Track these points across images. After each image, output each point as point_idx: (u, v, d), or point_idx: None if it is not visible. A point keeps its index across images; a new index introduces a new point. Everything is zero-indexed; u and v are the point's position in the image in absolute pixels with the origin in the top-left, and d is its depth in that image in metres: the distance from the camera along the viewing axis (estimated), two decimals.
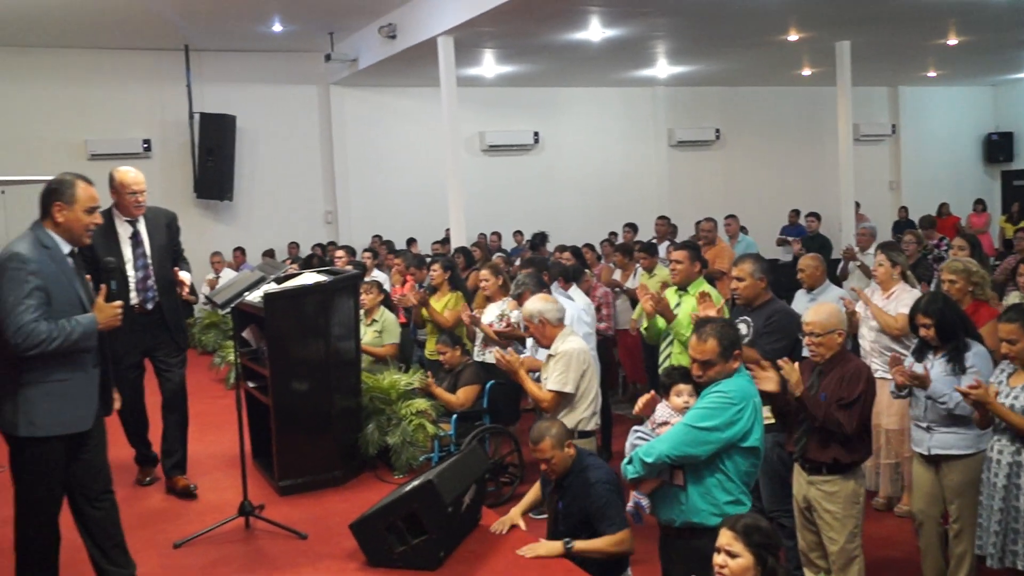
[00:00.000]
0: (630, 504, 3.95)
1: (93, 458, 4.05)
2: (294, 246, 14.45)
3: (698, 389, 3.83)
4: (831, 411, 4.31)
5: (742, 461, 3.72)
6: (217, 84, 14.25)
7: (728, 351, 3.72)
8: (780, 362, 4.32)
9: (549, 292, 6.01)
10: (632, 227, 13.27)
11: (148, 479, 5.93)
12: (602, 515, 4.24)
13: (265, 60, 14.53)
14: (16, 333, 3.67)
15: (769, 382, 4.22)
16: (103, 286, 4.00)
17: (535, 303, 5.11)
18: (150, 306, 5.48)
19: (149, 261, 5.49)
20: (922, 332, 4.76)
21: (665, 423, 3.81)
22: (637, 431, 3.89)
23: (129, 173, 5.39)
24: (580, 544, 4.25)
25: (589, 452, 4.64)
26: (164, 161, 14.12)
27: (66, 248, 3.98)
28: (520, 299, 6.03)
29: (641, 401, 3.91)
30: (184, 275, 5.59)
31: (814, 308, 4.65)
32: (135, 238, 5.43)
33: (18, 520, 3.92)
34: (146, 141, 13.95)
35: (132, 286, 5.38)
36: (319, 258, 11.19)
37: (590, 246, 11.02)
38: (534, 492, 4.86)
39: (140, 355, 5.60)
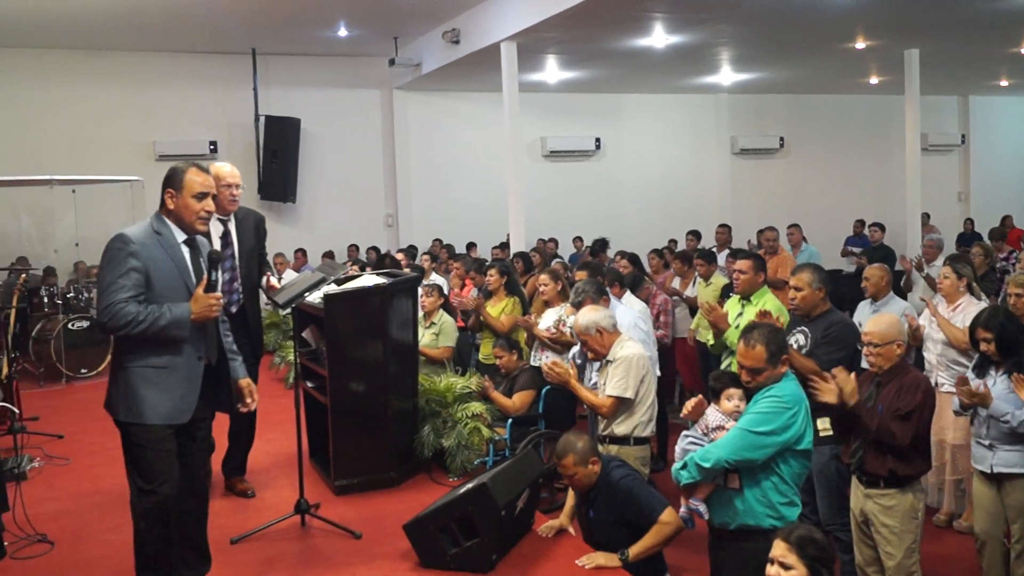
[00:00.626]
0: (683, 510, 3.95)
1: (194, 453, 4.06)
2: (354, 248, 14.60)
3: (748, 393, 3.85)
4: (885, 422, 4.22)
5: (795, 464, 3.75)
6: (282, 87, 14.48)
7: (776, 356, 3.74)
8: (835, 371, 4.27)
9: (608, 299, 5.97)
10: (695, 234, 13.14)
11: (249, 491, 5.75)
12: (638, 508, 4.27)
13: (330, 64, 14.73)
14: (104, 311, 3.69)
15: (829, 394, 4.18)
16: (204, 276, 3.92)
17: (586, 315, 5.06)
18: (234, 309, 5.25)
19: (237, 263, 5.33)
20: (982, 347, 4.70)
21: (720, 427, 3.81)
22: (688, 436, 3.90)
23: (225, 167, 5.26)
24: (635, 549, 4.24)
25: (610, 458, 4.59)
26: (230, 162, 14.25)
27: (181, 236, 3.96)
28: (579, 307, 5.98)
29: (689, 405, 3.91)
30: (273, 281, 5.48)
31: (874, 318, 4.60)
32: (225, 238, 5.24)
33: (132, 508, 3.92)
34: (212, 143, 14.20)
35: (217, 288, 5.02)
36: (392, 259, 11.27)
37: (657, 252, 10.95)
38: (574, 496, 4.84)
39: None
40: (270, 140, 14.13)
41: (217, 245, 5.07)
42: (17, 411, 6.09)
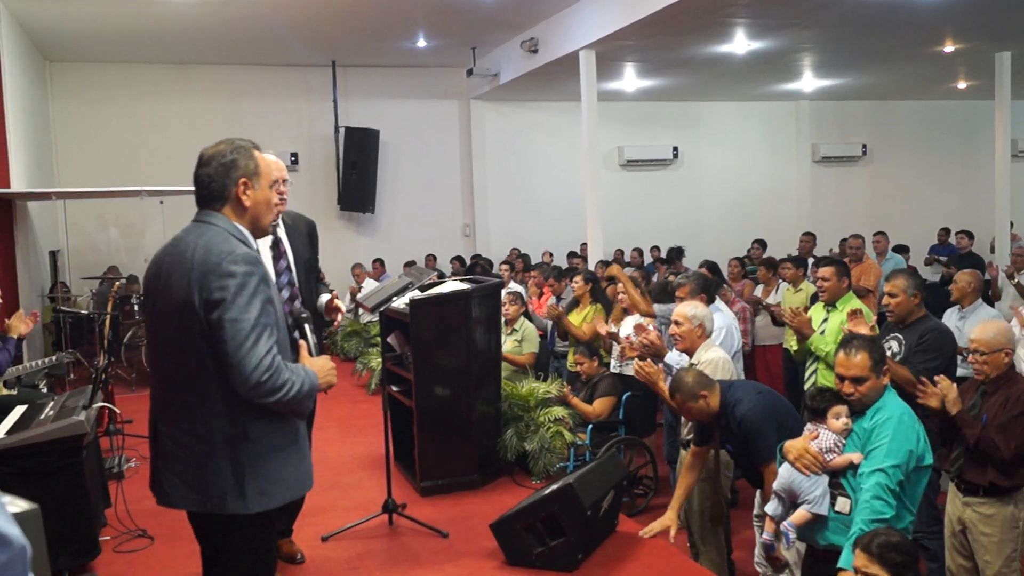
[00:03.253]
0: (767, 535, 3.87)
1: None
2: (431, 258, 14.75)
3: (851, 409, 3.68)
4: (987, 434, 4.12)
5: (917, 483, 3.58)
6: (362, 99, 14.72)
7: (879, 365, 3.61)
8: (937, 379, 4.20)
9: (707, 299, 5.97)
10: (761, 243, 13.00)
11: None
12: (750, 450, 4.23)
13: (408, 75, 14.94)
14: (258, 368, 2.69)
15: (933, 398, 4.14)
16: (302, 341, 3.12)
17: (697, 307, 5.10)
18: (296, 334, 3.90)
19: (295, 278, 4.37)
20: None
21: (833, 450, 3.63)
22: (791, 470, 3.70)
23: (271, 156, 3.63)
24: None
25: (732, 385, 4.50)
26: (310, 174, 14.66)
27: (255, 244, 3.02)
28: (679, 289, 6.02)
29: (806, 444, 3.68)
30: (339, 303, 4.67)
31: (981, 325, 4.44)
32: (277, 247, 4.26)
33: None
34: (293, 155, 14.49)
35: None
36: (483, 266, 11.41)
37: (739, 259, 10.87)
38: (684, 485, 4.78)
39: None
40: (350, 151, 14.39)
41: (267, 256, 4.07)
42: (118, 411, 6.32)
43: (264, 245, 4.05)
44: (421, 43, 12.91)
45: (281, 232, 4.35)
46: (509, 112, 15.80)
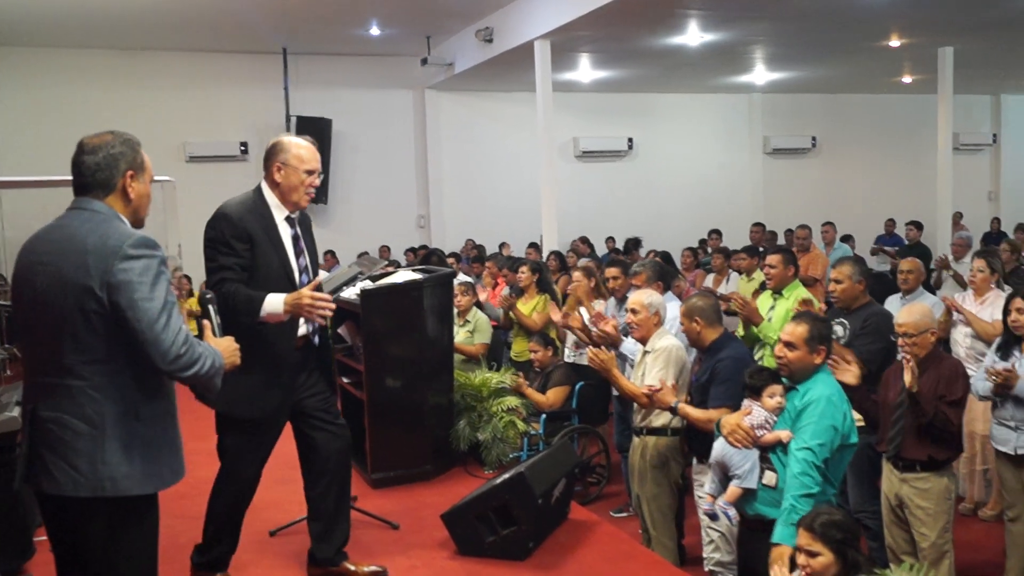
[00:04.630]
0: (706, 506, 4.03)
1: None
2: (385, 249, 14.68)
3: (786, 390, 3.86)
4: (941, 409, 4.35)
5: (840, 458, 3.75)
6: (314, 88, 14.52)
7: (814, 341, 3.77)
8: (906, 365, 4.37)
9: (662, 288, 6.05)
10: (717, 233, 13.15)
11: None
12: (713, 389, 4.47)
13: (361, 64, 14.81)
14: (173, 345, 2.81)
15: (849, 375, 4.32)
16: (206, 322, 3.26)
17: (652, 295, 5.17)
18: (317, 339, 4.19)
19: (311, 276, 4.17)
20: (1013, 316, 4.82)
21: (764, 426, 3.80)
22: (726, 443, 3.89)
23: (304, 145, 4.04)
24: (686, 409, 4.45)
25: (732, 338, 4.86)
26: (260, 164, 14.30)
27: (282, 212, 3.97)
28: (634, 279, 6.11)
29: (739, 420, 3.86)
30: None
31: (906, 308, 4.71)
32: (297, 242, 4.11)
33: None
34: (243, 144, 14.31)
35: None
36: (439, 256, 11.37)
37: (692, 250, 10.97)
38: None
39: (287, 415, 4.17)
40: None
41: (290, 250, 4.05)
42: None
43: (286, 236, 4.05)
44: (375, 31, 12.81)
45: (298, 226, 4.21)
46: (464, 102, 15.75)
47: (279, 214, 4.02)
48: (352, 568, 4.29)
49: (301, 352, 4.07)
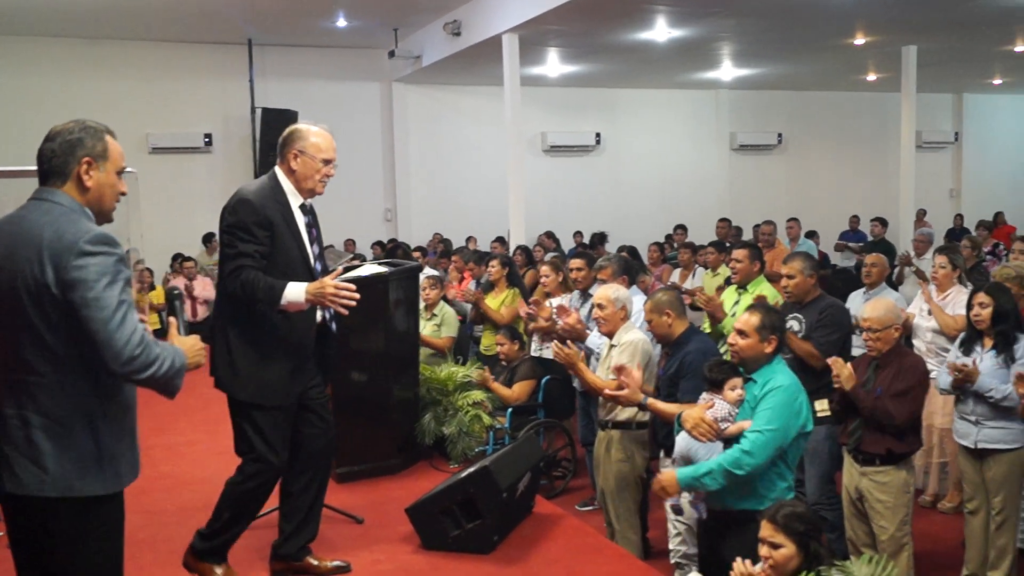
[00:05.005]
0: (672, 500, 4.07)
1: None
2: (351, 243, 14.57)
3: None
4: (881, 403, 4.42)
5: (797, 447, 3.81)
6: (279, 79, 14.39)
7: (765, 330, 3.80)
8: (829, 361, 4.51)
9: (628, 281, 6.08)
10: (683, 228, 13.21)
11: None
12: (683, 386, 4.50)
13: (328, 56, 14.68)
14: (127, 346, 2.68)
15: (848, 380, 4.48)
16: (171, 319, 3.19)
17: (618, 289, 5.18)
18: (334, 325, 4.22)
19: (324, 263, 4.22)
20: (976, 311, 4.88)
21: (727, 419, 3.82)
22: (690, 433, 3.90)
23: (321, 134, 4.03)
24: (653, 401, 4.42)
25: (698, 332, 4.94)
26: (225, 156, 14.35)
27: (297, 200, 3.95)
28: (599, 273, 6.13)
29: (703, 426, 3.85)
30: None
31: (871, 303, 4.78)
32: (311, 230, 4.09)
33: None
34: (207, 135, 14.15)
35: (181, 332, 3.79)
36: (404, 250, 11.34)
37: (658, 244, 11.01)
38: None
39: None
40: (267, 133, 13.84)
41: (306, 237, 4.04)
42: None
43: (301, 223, 4.02)
44: (341, 23, 12.71)
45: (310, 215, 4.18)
46: (432, 95, 15.68)
47: (295, 201, 3.98)
48: (315, 563, 4.25)
49: (317, 338, 4.08)
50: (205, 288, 11.87)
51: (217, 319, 4.06)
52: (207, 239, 13.66)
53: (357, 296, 3.81)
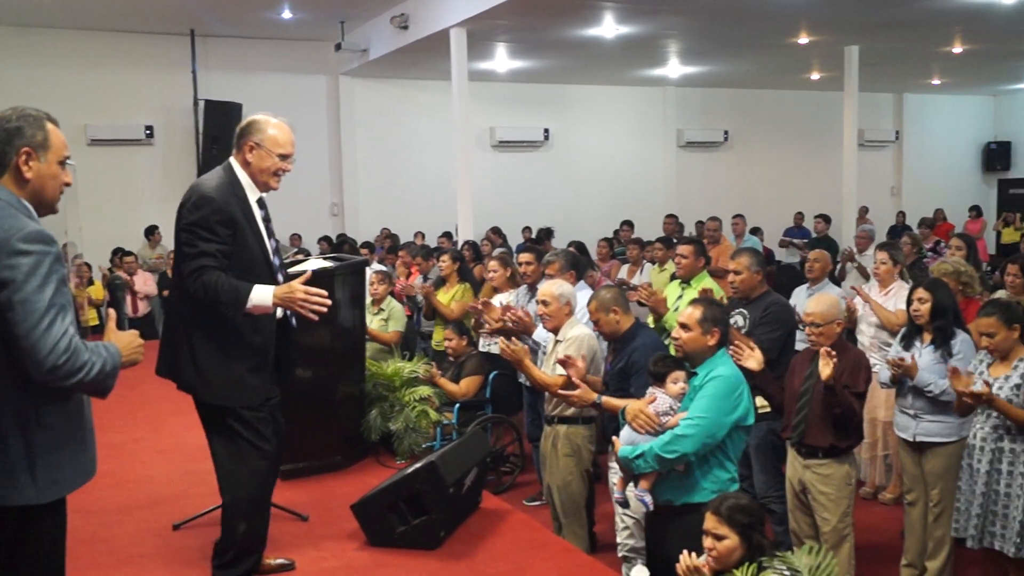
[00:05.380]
0: (617, 495, 4.06)
1: None
2: (296, 237, 14.43)
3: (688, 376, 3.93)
4: (846, 397, 4.46)
5: (739, 440, 3.82)
6: (223, 71, 14.15)
7: (707, 323, 3.80)
8: (822, 351, 4.44)
9: (575, 277, 6.08)
10: (629, 224, 13.29)
11: None
12: (635, 380, 4.48)
13: (273, 48, 14.49)
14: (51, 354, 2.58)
15: (752, 361, 4.46)
16: (111, 310, 3.08)
17: (562, 285, 5.18)
18: (294, 320, 4.07)
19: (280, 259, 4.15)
20: (915, 306, 4.95)
21: (668, 412, 3.83)
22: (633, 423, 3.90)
23: (280, 126, 3.92)
24: (607, 399, 4.35)
25: (644, 327, 4.94)
26: (166, 148, 14.10)
27: (254, 194, 3.84)
28: (547, 267, 6.12)
29: (642, 417, 3.85)
30: None
31: (815, 299, 4.83)
32: (267, 224, 3.98)
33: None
34: (148, 127, 13.88)
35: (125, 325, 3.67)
36: (351, 245, 11.23)
37: (608, 240, 11.05)
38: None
39: None
40: (210, 125, 13.69)
41: (264, 232, 3.96)
42: None
43: (259, 217, 3.90)
44: (286, 14, 12.56)
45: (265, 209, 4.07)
46: (379, 89, 15.56)
47: (252, 196, 3.87)
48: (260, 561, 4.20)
49: (277, 332, 3.96)
50: (146, 283, 11.66)
51: (176, 320, 3.89)
52: (149, 232, 13.44)
53: (329, 302, 3.72)
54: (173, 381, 3.88)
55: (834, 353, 4.39)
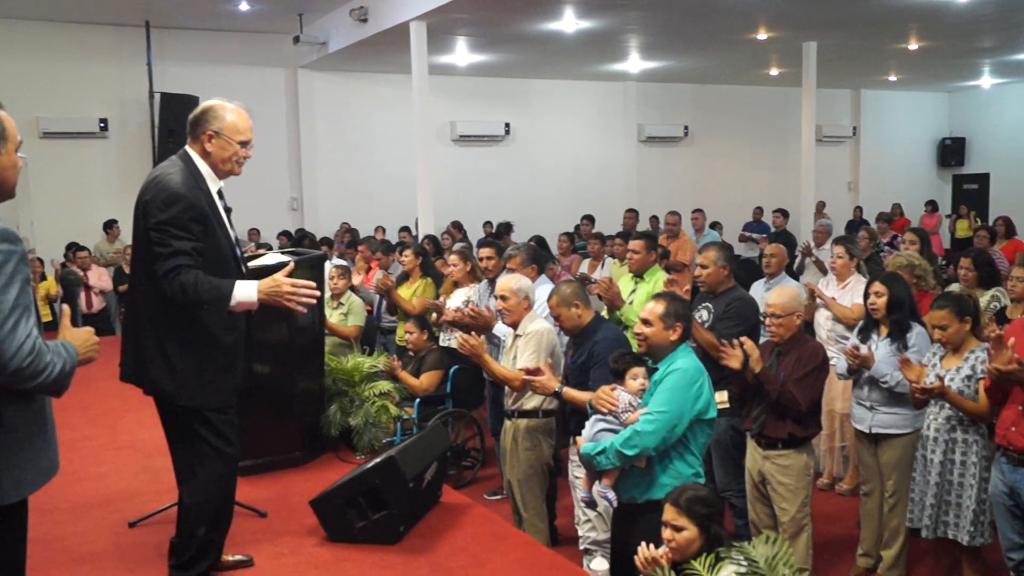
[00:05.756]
0: (583, 494, 4.07)
1: None
2: (255, 232, 14.29)
3: (649, 372, 3.92)
4: (787, 389, 4.52)
5: (701, 434, 3.80)
6: (179, 63, 13.96)
7: (670, 318, 3.79)
8: (739, 340, 4.57)
9: (536, 272, 6.08)
10: (590, 219, 13.32)
11: None
12: (592, 375, 4.47)
13: (231, 40, 14.34)
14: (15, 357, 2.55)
15: (734, 359, 4.51)
16: (65, 306, 2.97)
17: (520, 280, 5.16)
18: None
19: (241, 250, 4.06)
20: (872, 300, 5.01)
21: (629, 409, 3.81)
22: (600, 420, 3.87)
23: (238, 112, 3.81)
24: (568, 390, 4.36)
25: (605, 321, 4.91)
26: (122, 141, 13.90)
27: (215, 185, 3.72)
28: (509, 261, 6.11)
29: (603, 395, 3.89)
30: None
31: (776, 291, 4.89)
32: (229, 216, 3.90)
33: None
34: (103, 120, 13.68)
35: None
36: (311, 239, 11.14)
37: (568, 235, 11.06)
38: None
39: None
40: (166, 118, 13.48)
41: (228, 225, 3.90)
42: None
43: (221, 208, 3.80)
44: (244, 6, 12.42)
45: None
46: (339, 82, 15.46)
47: (214, 187, 3.75)
48: None
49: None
50: (100, 278, 11.48)
51: (142, 321, 3.72)
52: (108, 226, 13.25)
53: (317, 293, 3.65)
54: (140, 386, 3.77)
55: (739, 343, 4.52)
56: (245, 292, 3.54)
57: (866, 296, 5.12)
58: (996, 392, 4.19)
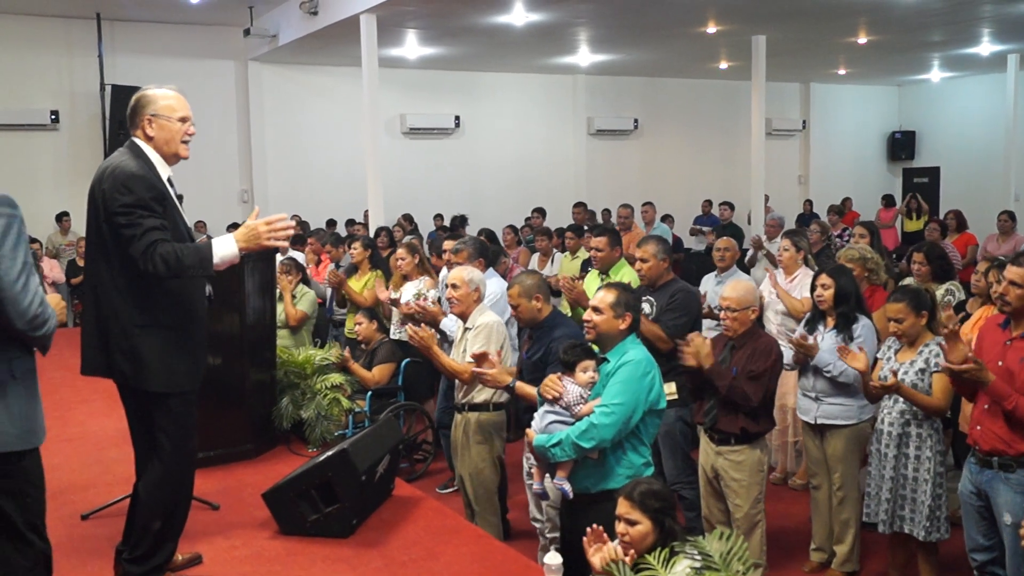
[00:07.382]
0: (537, 486, 4.06)
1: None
2: (201, 224, 14.12)
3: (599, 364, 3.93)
4: (737, 384, 4.53)
5: (651, 424, 3.84)
6: (130, 55, 13.81)
7: (619, 307, 3.83)
8: (690, 336, 4.56)
9: (484, 264, 6.10)
10: (541, 212, 13.37)
11: None
12: (551, 369, 4.41)
13: (181, 32, 14.18)
14: (31, 304, 2.87)
15: (691, 357, 4.51)
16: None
17: (472, 271, 5.19)
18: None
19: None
20: (819, 292, 5.08)
21: (579, 402, 3.82)
22: (549, 411, 3.87)
23: (170, 94, 3.81)
24: (521, 384, 4.36)
25: (566, 316, 4.94)
26: (72, 133, 13.70)
27: (166, 171, 3.72)
28: (458, 254, 6.12)
29: (549, 382, 3.89)
30: None
31: (731, 284, 4.91)
32: (181, 202, 3.91)
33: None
34: (53, 112, 13.49)
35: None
36: None
37: (513, 228, 11.09)
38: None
39: None
40: (117, 110, 13.30)
41: (182, 210, 3.92)
42: None
43: (174, 196, 3.80)
44: None
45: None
46: (289, 75, 15.34)
47: (164, 173, 3.75)
48: None
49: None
50: (52, 270, 11.36)
51: (104, 309, 3.67)
52: (60, 217, 13.10)
53: (293, 224, 3.70)
54: (107, 376, 3.75)
55: (691, 339, 4.53)
56: (225, 247, 3.57)
57: (813, 288, 5.19)
58: (965, 388, 4.13)
